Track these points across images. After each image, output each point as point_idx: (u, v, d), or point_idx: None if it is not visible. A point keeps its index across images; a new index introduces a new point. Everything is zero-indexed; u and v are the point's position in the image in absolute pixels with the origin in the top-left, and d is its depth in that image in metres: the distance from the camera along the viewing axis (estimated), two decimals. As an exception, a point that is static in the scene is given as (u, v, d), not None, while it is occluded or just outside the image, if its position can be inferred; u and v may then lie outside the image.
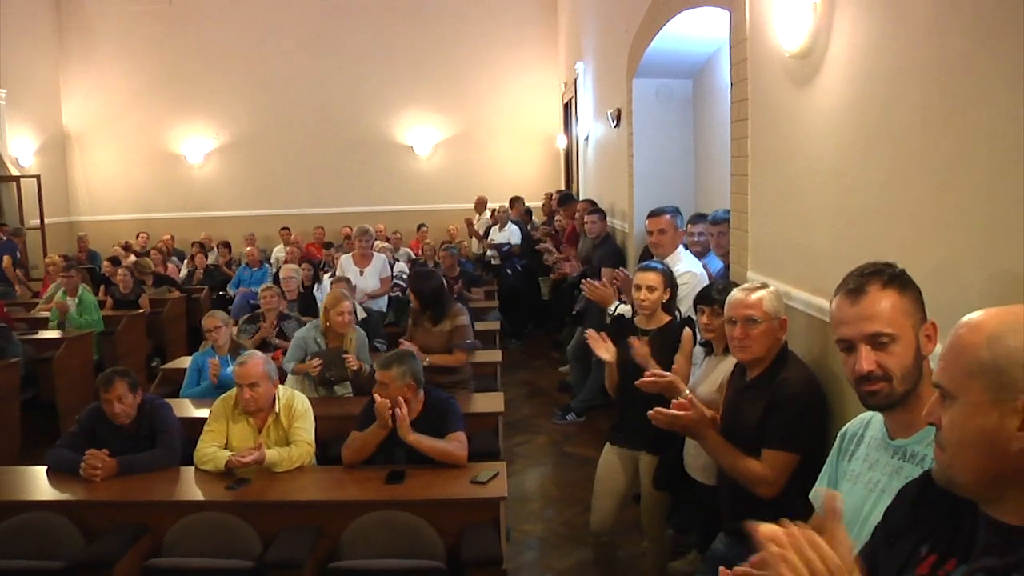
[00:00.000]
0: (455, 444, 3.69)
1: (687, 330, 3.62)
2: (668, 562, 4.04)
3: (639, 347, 3.55)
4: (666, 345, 3.63)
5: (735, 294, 2.80)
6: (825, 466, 2.05)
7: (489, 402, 4.78)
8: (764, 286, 2.77)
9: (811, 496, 2.09)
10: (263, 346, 5.69)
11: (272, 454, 3.70)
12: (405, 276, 7.80)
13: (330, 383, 4.90)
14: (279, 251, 10.79)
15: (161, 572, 3.16)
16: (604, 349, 3.71)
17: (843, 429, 2.02)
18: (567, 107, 12.71)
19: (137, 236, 12.83)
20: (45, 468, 3.86)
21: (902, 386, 1.72)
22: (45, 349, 7.03)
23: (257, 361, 3.91)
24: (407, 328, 5.38)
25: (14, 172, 12.58)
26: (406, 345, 4.79)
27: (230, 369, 5.05)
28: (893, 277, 1.76)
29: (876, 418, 1.89)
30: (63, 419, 6.79)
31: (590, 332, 3.82)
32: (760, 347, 2.70)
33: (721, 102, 5.40)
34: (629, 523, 4.48)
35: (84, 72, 14.13)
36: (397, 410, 3.59)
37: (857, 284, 1.77)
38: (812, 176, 2.98)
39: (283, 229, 11.40)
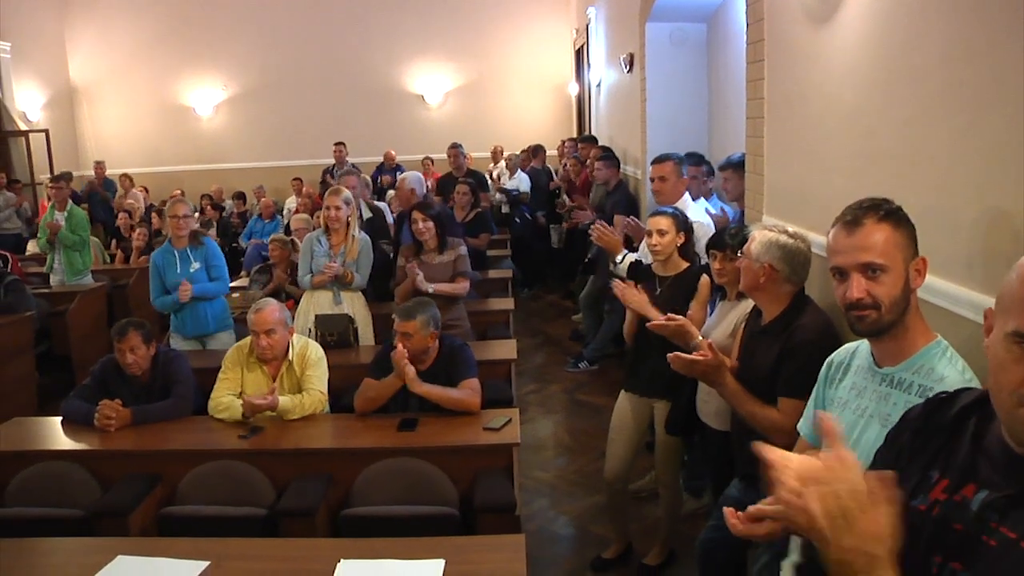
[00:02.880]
0: (467, 392, 3.68)
1: (704, 277, 3.58)
2: (681, 507, 4.04)
3: (631, 292, 3.55)
4: (683, 292, 3.60)
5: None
6: (811, 395, 2.15)
7: (502, 349, 4.76)
8: (774, 230, 2.73)
9: (798, 427, 2.19)
10: (276, 295, 5.67)
11: (285, 401, 3.71)
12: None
13: (330, 346, 4.88)
14: (291, 202, 10.75)
15: (176, 520, 3.16)
16: (633, 296, 3.67)
17: (829, 358, 2.11)
18: (579, 53, 12.54)
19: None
20: (60, 419, 3.89)
21: (890, 315, 1.81)
22: (59, 302, 7.07)
23: (273, 308, 3.90)
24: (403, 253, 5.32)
25: (22, 127, 12.54)
26: (413, 270, 4.82)
27: (193, 268, 5.12)
28: (889, 212, 1.84)
29: (862, 347, 2.00)
30: (78, 372, 6.84)
31: (616, 281, 3.78)
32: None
33: (736, 45, 5.30)
34: (642, 470, 4.51)
35: (89, 24, 14.01)
36: (407, 367, 3.57)
37: (854, 216, 1.85)
38: (830, 118, 2.92)
39: (295, 179, 11.34)
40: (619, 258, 4.39)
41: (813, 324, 2.61)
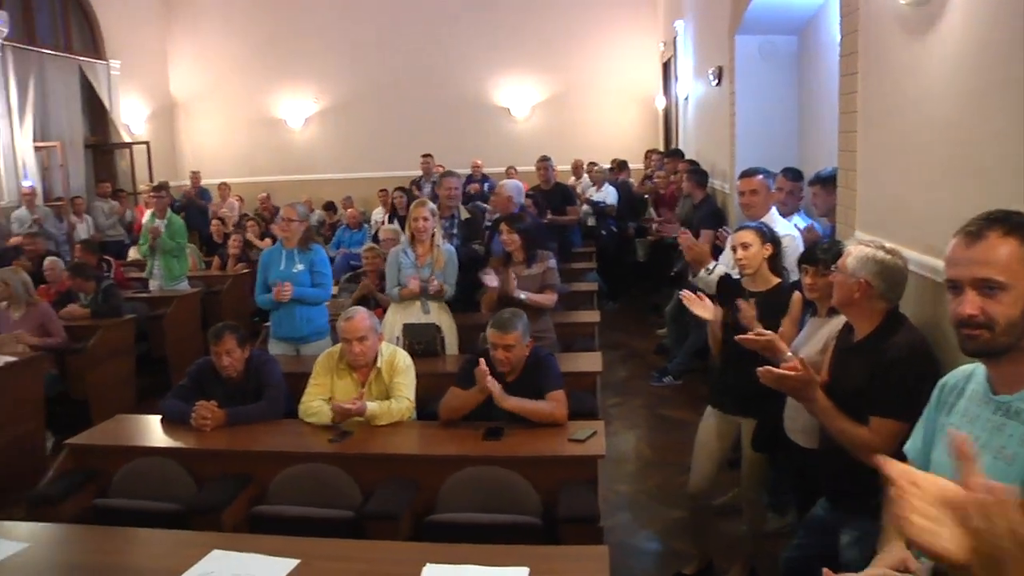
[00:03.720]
0: (553, 404, 3.68)
1: (796, 293, 3.51)
2: (765, 525, 3.98)
3: (746, 308, 3.49)
4: (773, 308, 3.54)
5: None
6: (921, 419, 1.99)
7: (587, 362, 4.75)
8: (871, 245, 2.68)
9: (905, 449, 2.04)
10: (364, 303, 5.77)
11: (373, 407, 3.78)
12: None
13: (417, 354, 4.95)
14: (377, 213, 10.95)
15: (266, 518, 3.26)
16: (702, 307, 3.66)
17: (942, 381, 1.94)
18: (666, 66, 12.48)
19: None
20: (160, 417, 4.05)
21: (1004, 337, 1.64)
22: (158, 306, 7.35)
23: (363, 316, 3.97)
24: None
25: (126, 139, 13.14)
26: (495, 277, 4.86)
27: (296, 269, 5.19)
28: (1017, 226, 1.66)
29: (979, 371, 1.82)
30: (173, 373, 7.11)
31: (685, 292, 3.76)
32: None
33: (828, 57, 5.22)
34: (726, 486, 4.45)
35: (190, 41, 14.59)
36: (490, 381, 3.58)
37: (978, 228, 1.68)
38: (927, 130, 2.85)
39: (381, 191, 11.53)
40: (710, 266, 4.34)
41: (907, 343, 2.54)
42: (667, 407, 6.47)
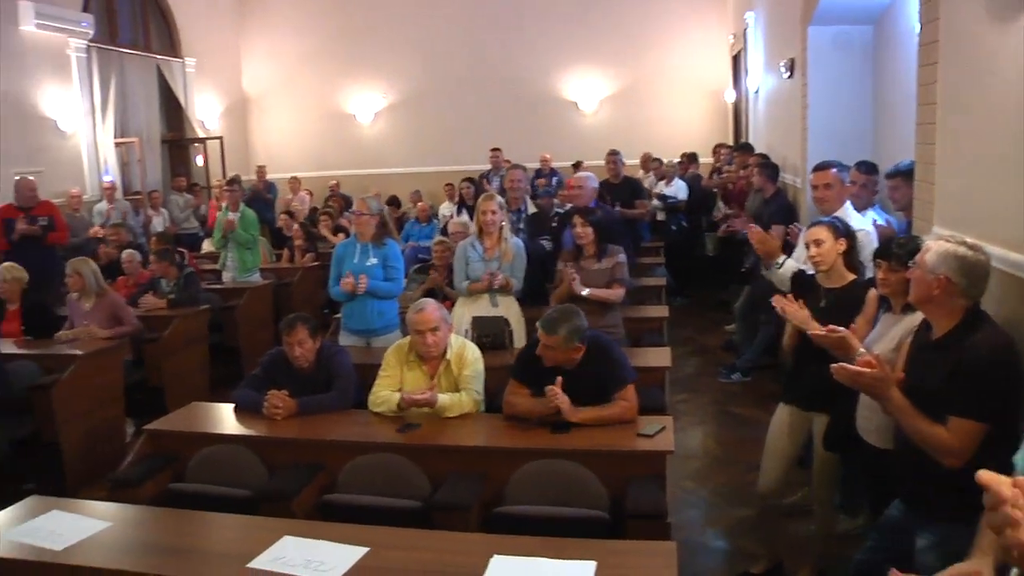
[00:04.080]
0: (623, 406, 3.64)
1: (872, 291, 3.41)
2: (835, 527, 3.91)
3: (792, 306, 3.44)
4: (848, 305, 3.45)
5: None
6: None
7: (656, 357, 4.72)
8: (952, 240, 2.59)
9: (1015, 458, 1.94)
10: (431, 296, 5.81)
11: (443, 399, 3.81)
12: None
13: (485, 347, 4.96)
14: (445, 208, 11.02)
15: (336, 507, 3.31)
16: (794, 309, 3.57)
17: None
18: (736, 59, 12.30)
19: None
20: (233, 406, 4.15)
21: None
22: (230, 297, 7.52)
23: (433, 308, 4.00)
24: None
25: (201, 134, 13.45)
26: (570, 274, 4.83)
27: (370, 263, 5.23)
28: None
29: None
30: (245, 362, 7.27)
31: (777, 297, 3.68)
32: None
33: (906, 47, 5.08)
34: (796, 485, 4.38)
35: (262, 38, 14.86)
36: (560, 397, 3.55)
37: None
38: (1013, 120, 2.76)
39: (447, 185, 11.62)
40: (779, 260, 4.26)
41: (990, 342, 2.46)
42: (735, 404, 6.40)
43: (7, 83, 9.66)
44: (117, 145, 11.60)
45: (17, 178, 7.83)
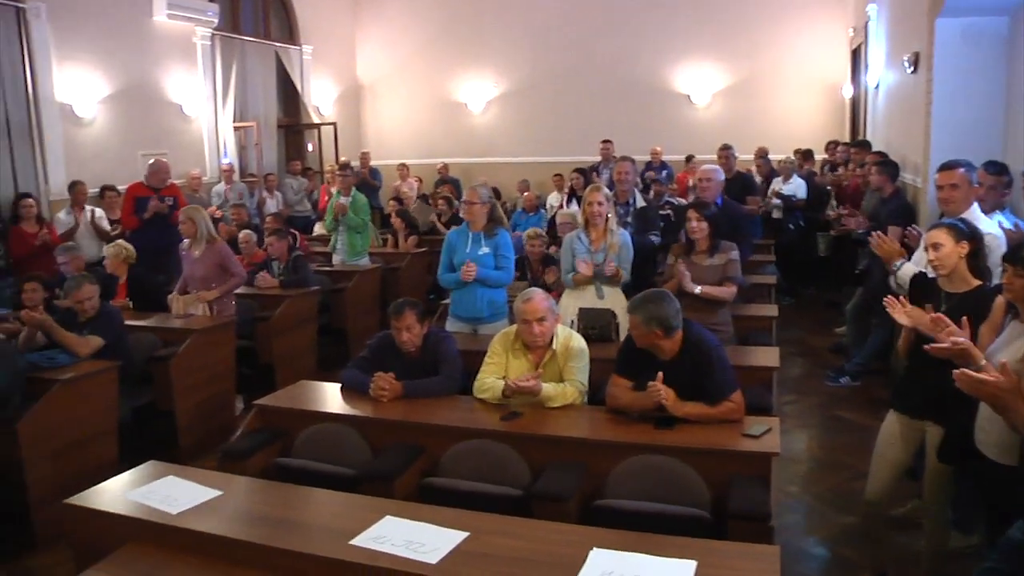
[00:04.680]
0: (730, 407, 3.57)
1: (999, 298, 3.20)
2: (947, 543, 3.74)
3: (901, 309, 3.30)
4: (972, 311, 3.26)
5: None
6: None
7: (764, 356, 4.60)
8: None
9: None
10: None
11: (548, 388, 3.80)
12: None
13: (591, 339, 4.93)
14: (553, 198, 11.02)
15: (436, 490, 3.34)
16: (903, 314, 3.44)
17: None
18: (855, 53, 11.89)
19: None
20: (339, 386, 4.24)
21: None
22: (339, 280, 7.70)
23: (541, 297, 3.99)
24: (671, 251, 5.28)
25: (315, 120, 13.79)
26: (681, 270, 4.76)
27: (482, 251, 5.25)
28: None
29: None
30: (352, 344, 7.44)
31: (889, 298, 3.55)
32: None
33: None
34: (906, 497, 4.23)
35: (376, 26, 15.11)
36: (663, 393, 3.50)
37: None
38: None
39: (555, 175, 11.60)
40: (897, 264, 4.10)
41: None
42: (843, 408, 6.20)
43: (139, 70, 10.15)
44: (236, 129, 12.00)
45: (152, 160, 8.16)
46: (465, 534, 2.68)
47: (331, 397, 4.19)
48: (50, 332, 4.99)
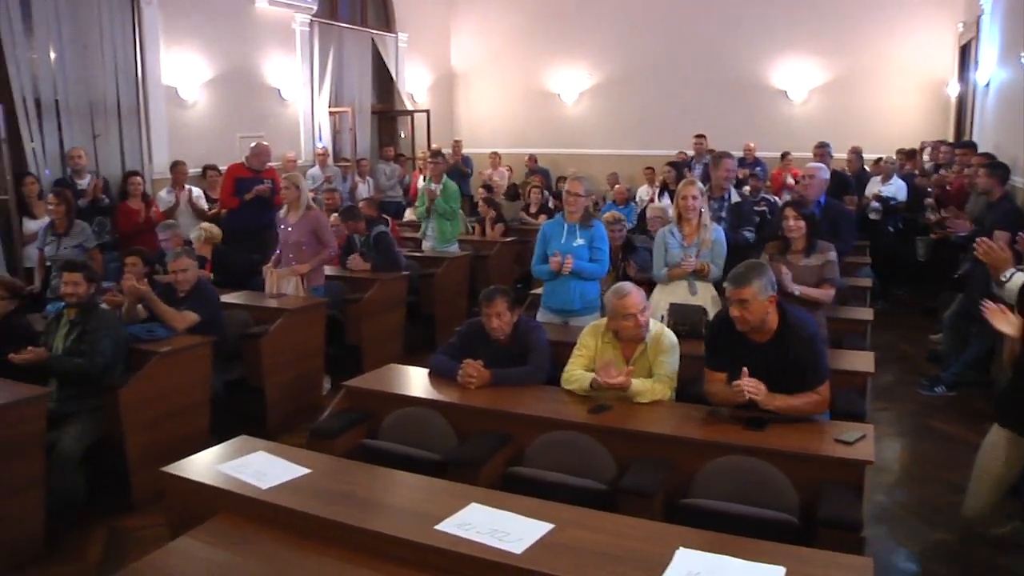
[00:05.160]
0: (816, 399, 3.50)
1: None
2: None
3: (1001, 316, 3.15)
4: None
5: None
6: None
7: (858, 360, 4.47)
8: None
9: None
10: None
11: (637, 383, 3.75)
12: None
13: (681, 336, 4.87)
14: (643, 191, 10.93)
15: (521, 480, 3.34)
16: (1004, 322, 3.30)
17: None
18: (964, 50, 11.44)
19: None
20: (427, 371, 4.28)
21: None
22: (428, 266, 7.77)
23: (635, 292, 3.95)
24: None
25: (409, 107, 13.94)
26: (779, 270, 4.65)
27: (577, 243, 5.21)
28: None
29: None
30: (438, 329, 7.51)
31: (988, 304, 3.41)
32: None
33: None
34: (1008, 516, 4.05)
35: (471, 14, 15.19)
36: (751, 390, 3.42)
37: None
38: None
39: (647, 169, 11.50)
40: (1006, 275, 3.92)
41: None
42: (937, 419, 5.99)
43: (240, 55, 10.44)
44: (331, 114, 12.21)
45: (254, 143, 8.37)
46: (550, 525, 2.67)
47: (418, 381, 4.23)
48: (150, 304, 5.18)
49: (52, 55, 8.02)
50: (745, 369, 3.45)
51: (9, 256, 7.44)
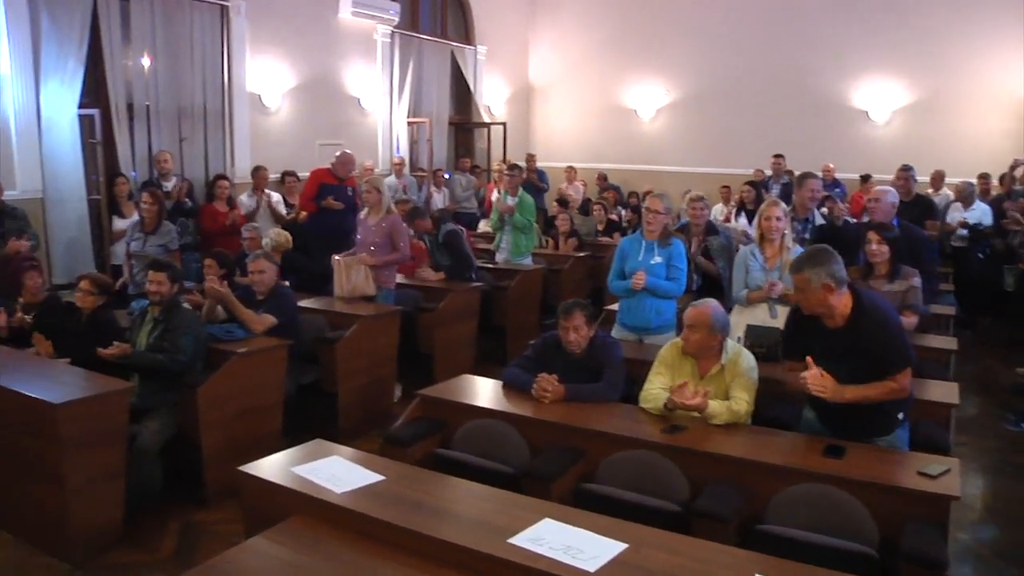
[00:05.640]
0: (892, 387, 3.40)
1: None
2: None
3: None
4: None
5: None
6: None
7: (940, 391, 4.32)
8: None
9: None
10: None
11: (714, 405, 3.70)
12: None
13: (758, 358, 4.79)
14: (718, 210, 10.80)
15: (593, 497, 3.31)
16: None
17: None
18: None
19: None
20: (500, 383, 4.29)
21: None
22: (501, 278, 7.79)
23: (711, 307, 3.90)
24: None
25: (486, 119, 14.04)
26: None
27: (655, 261, 5.18)
28: None
29: None
30: (510, 342, 7.52)
31: None
32: None
33: None
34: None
35: (550, 29, 15.23)
36: (819, 384, 3.35)
37: None
38: None
39: (723, 187, 11.37)
40: None
41: None
42: (1023, 456, 5.77)
43: (323, 64, 10.65)
44: (409, 124, 12.35)
45: (339, 152, 8.51)
46: (624, 545, 2.64)
47: (492, 393, 4.24)
48: (230, 306, 5.30)
49: (146, 62, 8.30)
50: (809, 359, 3.39)
51: (99, 253, 7.72)
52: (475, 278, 7.36)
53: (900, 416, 3.55)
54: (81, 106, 7.63)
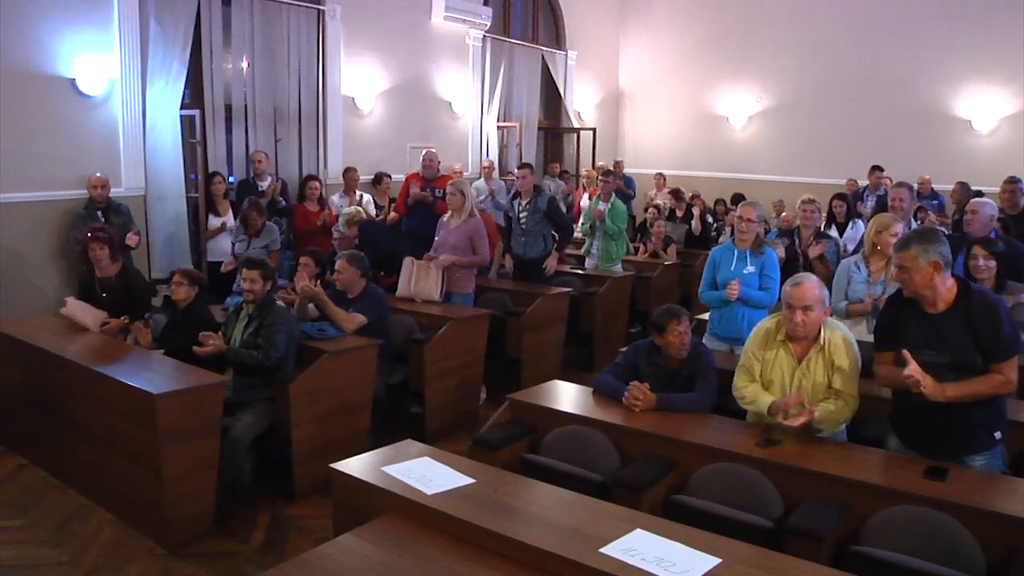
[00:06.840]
0: (999, 380, 3.24)
1: None
2: None
3: None
4: None
5: None
6: None
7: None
8: None
9: None
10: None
11: (820, 414, 3.58)
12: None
13: None
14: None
15: (684, 509, 3.26)
16: None
17: None
18: None
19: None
20: (591, 389, 4.26)
21: None
22: (590, 284, 7.75)
23: (813, 284, 3.71)
24: None
25: (575, 124, 14.01)
26: None
27: (747, 270, 5.10)
28: None
29: None
30: (597, 348, 7.47)
31: None
32: None
33: None
34: None
35: (641, 34, 15.11)
36: (921, 378, 3.20)
37: None
38: None
39: (778, 202, 11.14)
40: None
41: None
42: None
43: (416, 68, 10.80)
44: (499, 128, 12.42)
45: (424, 151, 8.60)
46: (717, 560, 2.58)
47: (581, 399, 4.21)
48: (322, 304, 5.39)
49: (244, 65, 8.54)
50: (906, 353, 3.26)
51: (195, 249, 7.96)
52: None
53: (997, 435, 3.39)
54: (182, 107, 7.91)
